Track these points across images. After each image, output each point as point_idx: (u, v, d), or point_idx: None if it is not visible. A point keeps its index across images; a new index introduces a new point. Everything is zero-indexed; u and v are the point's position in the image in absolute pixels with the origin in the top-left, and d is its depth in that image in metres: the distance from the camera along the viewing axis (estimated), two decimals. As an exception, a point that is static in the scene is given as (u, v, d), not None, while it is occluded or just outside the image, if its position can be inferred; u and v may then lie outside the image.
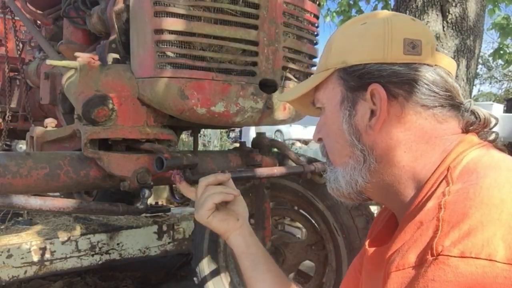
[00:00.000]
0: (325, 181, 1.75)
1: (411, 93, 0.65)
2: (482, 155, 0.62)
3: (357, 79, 0.68)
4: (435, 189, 0.59)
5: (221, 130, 8.60)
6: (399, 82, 0.65)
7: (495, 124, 0.71)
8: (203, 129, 3.73)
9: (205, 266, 1.90)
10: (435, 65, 0.67)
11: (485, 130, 0.69)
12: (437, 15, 3.36)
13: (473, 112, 0.68)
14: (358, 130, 0.68)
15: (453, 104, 0.67)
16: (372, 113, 0.67)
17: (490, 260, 0.47)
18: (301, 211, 1.89)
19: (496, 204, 0.51)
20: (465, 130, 0.68)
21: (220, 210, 0.95)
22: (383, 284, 0.56)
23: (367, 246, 0.74)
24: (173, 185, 2.09)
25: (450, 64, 0.70)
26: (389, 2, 5.91)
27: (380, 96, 0.65)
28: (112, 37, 1.50)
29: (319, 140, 0.78)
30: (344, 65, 0.69)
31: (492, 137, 0.69)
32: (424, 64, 0.66)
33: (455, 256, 0.48)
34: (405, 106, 0.65)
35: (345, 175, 0.71)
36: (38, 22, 2.22)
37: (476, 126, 0.68)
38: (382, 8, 6.02)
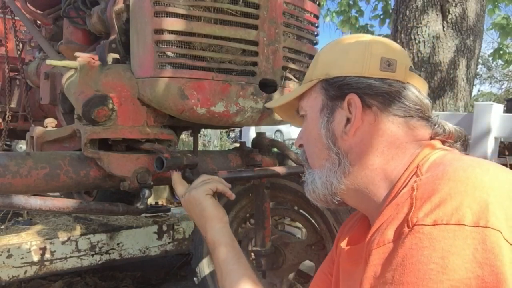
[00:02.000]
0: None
1: (384, 104, 0.73)
2: (446, 154, 0.69)
3: (337, 89, 0.76)
4: (406, 184, 0.65)
5: (221, 130, 8.60)
6: (373, 94, 0.73)
7: (462, 138, 0.78)
8: (203, 129, 3.73)
9: (205, 266, 1.90)
10: (407, 82, 0.75)
11: (450, 141, 0.76)
12: (437, 15, 3.36)
13: (441, 125, 0.76)
14: (334, 135, 0.76)
15: (423, 116, 0.74)
16: (348, 121, 0.74)
17: (460, 224, 0.53)
18: (301, 211, 1.89)
19: (462, 180, 0.57)
20: (433, 139, 0.75)
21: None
22: (364, 264, 0.63)
23: (343, 246, 0.79)
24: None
25: (422, 83, 0.78)
26: (389, 2, 5.92)
27: (356, 104, 0.73)
28: (112, 37, 1.50)
29: (300, 146, 0.86)
30: (327, 76, 0.77)
31: (457, 147, 0.77)
32: (397, 80, 0.74)
33: (428, 225, 0.55)
34: (378, 115, 0.73)
35: (321, 177, 0.77)
36: (38, 22, 2.22)
37: (442, 136, 0.75)
38: (382, 8, 6.02)
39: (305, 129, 0.83)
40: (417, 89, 0.76)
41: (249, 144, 1.77)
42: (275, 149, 1.81)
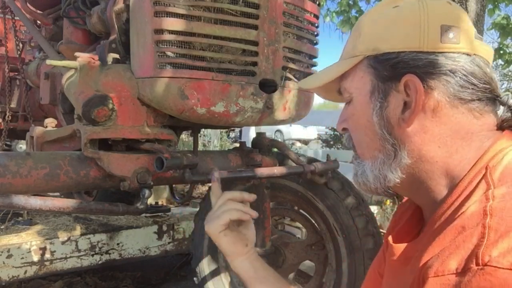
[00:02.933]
0: (325, 181, 1.76)
1: (448, 85, 0.61)
2: None
3: (390, 68, 0.63)
4: (473, 190, 0.56)
5: (221, 130, 8.61)
6: (436, 73, 0.61)
7: None
8: (203, 129, 3.73)
9: (205, 266, 1.90)
10: (474, 54, 0.62)
11: None
12: (437, 15, 3.36)
13: (510, 108, 0.64)
14: (390, 123, 0.64)
15: (491, 97, 0.63)
16: (405, 105, 0.63)
17: None
18: (301, 211, 1.89)
19: None
20: (500, 127, 0.64)
21: (231, 229, 0.94)
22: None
23: (391, 242, 0.71)
24: (173, 185, 2.09)
25: (488, 52, 0.65)
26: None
27: (416, 88, 0.61)
28: (112, 37, 1.50)
29: (344, 130, 0.74)
30: (376, 52, 0.65)
31: None
32: (463, 53, 0.62)
33: (504, 268, 0.45)
34: (442, 99, 0.61)
35: (374, 170, 0.67)
36: (38, 22, 2.22)
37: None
38: (382, 8, 6.01)
39: (352, 114, 0.70)
40: (485, 62, 0.64)
41: (249, 144, 1.77)
42: (275, 149, 1.81)
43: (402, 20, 0.64)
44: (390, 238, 0.72)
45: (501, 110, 0.64)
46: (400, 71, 0.62)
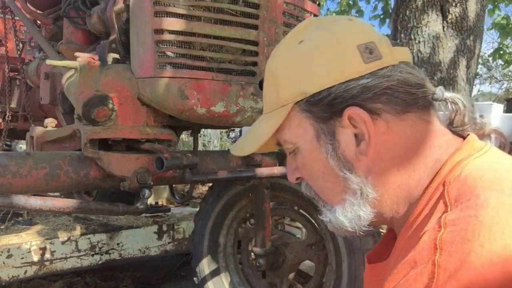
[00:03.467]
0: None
1: (390, 103, 0.58)
2: (483, 168, 0.55)
3: (326, 108, 0.60)
4: (432, 210, 0.54)
5: (221, 130, 8.61)
6: (374, 96, 0.58)
7: (472, 107, 0.64)
8: (203, 129, 3.73)
9: (205, 266, 1.90)
10: (399, 62, 0.60)
11: (474, 118, 0.63)
12: (437, 15, 3.36)
13: (448, 101, 0.63)
14: (348, 161, 0.61)
15: (429, 99, 0.61)
16: (357, 137, 0.60)
17: None
18: (301, 211, 1.89)
19: (499, 253, 0.45)
20: (451, 125, 0.63)
21: None
22: None
23: (366, 260, 0.70)
24: (173, 185, 2.10)
25: (406, 53, 0.63)
26: (389, 2, 5.92)
27: (363, 118, 0.58)
28: (112, 37, 1.50)
29: (298, 179, 0.69)
30: (304, 96, 0.60)
31: (480, 125, 0.63)
32: (389, 66, 0.59)
33: None
34: (389, 119, 0.59)
35: (346, 213, 0.63)
36: (38, 22, 2.22)
37: (459, 115, 0.62)
38: (382, 8, 6.03)
39: (303, 164, 0.66)
40: (409, 64, 0.62)
41: (249, 144, 1.77)
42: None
43: (317, 55, 0.60)
44: (366, 258, 0.71)
45: (446, 104, 0.63)
46: (339, 107, 0.59)
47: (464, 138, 0.62)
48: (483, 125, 0.64)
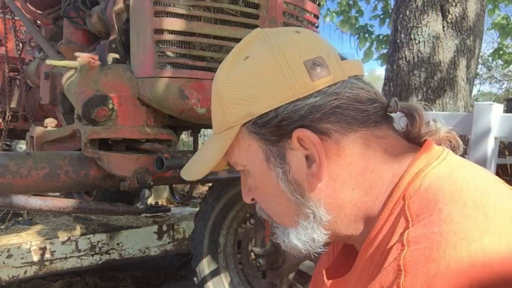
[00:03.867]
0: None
1: (341, 122, 0.56)
2: (442, 178, 0.52)
3: (275, 129, 0.56)
4: (393, 227, 0.52)
5: (221, 130, 8.59)
6: (322, 115, 0.55)
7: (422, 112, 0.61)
8: (203, 129, 3.73)
9: (205, 266, 1.90)
10: (349, 77, 0.57)
11: (428, 123, 0.60)
12: (437, 15, 3.36)
13: (404, 111, 0.60)
14: (300, 184, 0.58)
15: (383, 113, 0.58)
16: (307, 158, 0.57)
17: None
18: (301, 211, 1.89)
19: (466, 273, 0.43)
20: (408, 137, 0.60)
21: None
22: None
23: (325, 279, 0.67)
24: (173, 185, 2.09)
25: (357, 66, 0.60)
26: (389, 2, 5.92)
27: (312, 140, 0.55)
28: (112, 37, 1.50)
29: (253, 200, 0.67)
30: (251, 117, 0.57)
31: (432, 128, 0.61)
32: (339, 82, 0.56)
33: None
34: (340, 139, 0.56)
35: (300, 236, 0.61)
36: (38, 22, 2.22)
37: (416, 123, 0.59)
38: (382, 8, 6.03)
39: (255, 187, 0.64)
40: (360, 78, 0.59)
41: (249, 144, 1.77)
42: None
43: (261, 73, 0.56)
44: (324, 273, 0.68)
45: (395, 118, 0.60)
46: (287, 129, 0.56)
47: (420, 145, 0.59)
48: (438, 129, 0.61)
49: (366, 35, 6.22)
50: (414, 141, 0.61)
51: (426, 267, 0.45)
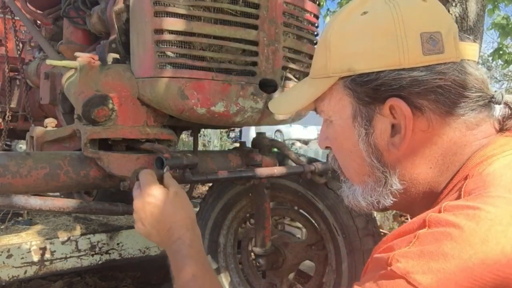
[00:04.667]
0: (325, 181, 1.76)
1: (438, 103, 0.55)
2: (509, 167, 0.52)
3: (370, 91, 0.56)
4: (447, 199, 0.53)
5: (221, 130, 8.61)
6: (422, 91, 0.54)
7: None
8: (203, 129, 3.73)
9: (205, 266, 1.90)
10: (461, 60, 0.56)
11: None
12: (437, 15, 3.36)
13: (506, 104, 0.58)
14: (379, 149, 0.59)
15: (484, 103, 0.57)
16: (393, 127, 0.57)
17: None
18: (301, 211, 1.89)
19: (483, 257, 0.43)
20: (501, 129, 0.59)
21: None
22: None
23: None
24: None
25: (474, 50, 0.59)
26: (389, 2, 5.92)
27: (404, 113, 0.55)
28: (112, 37, 1.50)
29: (327, 147, 0.68)
30: (351, 73, 0.57)
31: None
32: (449, 63, 0.55)
33: (398, 274, 0.46)
34: (432, 119, 0.56)
35: (366, 196, 0.62)
36: (38, 22, 2.21)
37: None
38: (382, 8, 6.01)
39: (334, 137, 0.65)
40: (473, 64, 0.57)
41: (249, 144, 1.77)
42: (275, 149, 1.80)
43: (375, 32, 0.56)
44: None
45: (497, 109, 0.59)
46: (383, 94, 0.56)
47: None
48: None
49: (366, 35, 6.21)
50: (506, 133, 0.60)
51: (445, 228, 0.46)
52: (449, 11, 3.30)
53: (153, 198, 0.92)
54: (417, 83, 0.54)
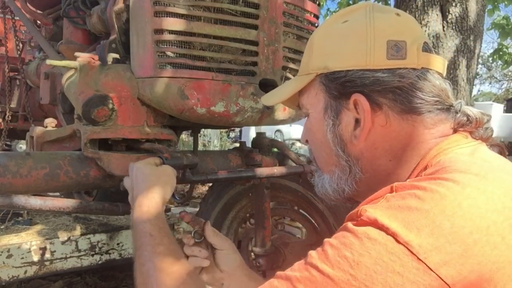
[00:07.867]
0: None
1: (395, 101, 0.62)
2: (462, 155, 0.59)
3: (339, 86, 0.65)
4: None
5: (221, 130, 8.61)
6: (382, 90, 0.62)
7: (488, 121, 0.67)
8: (203, 129, 3.74)
9: (205, 266, 1.90)
10: (422, 68, 0.63)
11: (478, 128, 0.65)
12: (437, 15, 3.36)
13: (464, 113, 0.65)
14: (343, 140, 0.66)
15: (442, 108, 0.64)
16: (357, 122, 0.65)
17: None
18: (301, 211, 1.89)
19: (433, 206, 0.49)
20: (456, 131, 0.65)
21: (206, 270, 0.95)
22: None
23: None
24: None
25: (438, 62, 0.66)
26: (389, 2, 5.92)
27: (363, 107, 0.63)
28: (112, 37, 1.50)
29: (307, 141, 0.76)
30: (326, 70, 0.66)
31: (488, 134, 0.66)
32: (409, 68, 0.62)
33: (354, 225, 0.53)
34: (390, 115, 0.63)
35: (332, 184, 0.70)
36: (38, 22, 2.21)
37: (469, 127, 0.64)
38: (382, 8, 6.01)
39: (309, 129, 0.73)
40: (434, 74, 0.64)
41: (249, 144, 1.77)
42: (275, 149, 1.80)
43: (349, 37, 0.64)
44: None
45: (456, 117, 0.65)
46: (349, 90, 0.64)
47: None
48: (490, 135, 0.66)
49: (366, 35, 6.22)
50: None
51: (410, 190, 0.52)
52: (449, 11, 3.30)
53: (148, 168, 1.02)
54: (378, 83, 0.62)
